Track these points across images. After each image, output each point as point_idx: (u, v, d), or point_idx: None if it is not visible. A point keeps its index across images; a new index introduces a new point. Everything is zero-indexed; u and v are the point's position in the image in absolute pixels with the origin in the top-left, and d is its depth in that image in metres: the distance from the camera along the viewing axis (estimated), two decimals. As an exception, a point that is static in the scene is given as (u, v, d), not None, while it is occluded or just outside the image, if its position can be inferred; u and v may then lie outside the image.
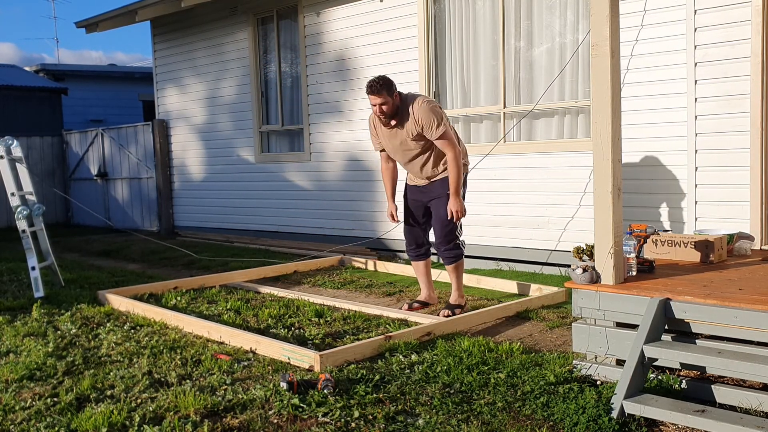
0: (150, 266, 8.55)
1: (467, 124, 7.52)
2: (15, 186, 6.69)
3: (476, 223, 7.35)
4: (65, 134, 14.34)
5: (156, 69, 11.33)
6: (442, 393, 3.60)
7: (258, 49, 9.68)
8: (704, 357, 3.30)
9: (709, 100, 5.64)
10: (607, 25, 3.68)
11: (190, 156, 10.95)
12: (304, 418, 3.36)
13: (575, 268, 3.85)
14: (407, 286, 6.55)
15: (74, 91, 17.40)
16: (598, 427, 3.13)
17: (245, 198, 10.06)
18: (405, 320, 5.17)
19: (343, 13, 8.41)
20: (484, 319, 5.12)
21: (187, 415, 3.42)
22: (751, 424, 2.95)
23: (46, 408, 3.59)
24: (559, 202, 6.68)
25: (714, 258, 4.38)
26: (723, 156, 5.60)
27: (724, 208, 5.61)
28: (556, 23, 6.78)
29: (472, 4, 7.36)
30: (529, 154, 6.91)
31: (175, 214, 11.40)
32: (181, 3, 9.32)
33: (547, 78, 6.82)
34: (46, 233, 6.85)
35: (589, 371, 3.74)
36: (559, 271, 6.70)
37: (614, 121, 3.73)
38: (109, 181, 13.17)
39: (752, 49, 5.37)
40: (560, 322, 5.02)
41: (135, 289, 6.42)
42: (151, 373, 4.10)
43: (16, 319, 5.54)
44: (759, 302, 3.31)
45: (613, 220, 3.75)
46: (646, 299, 3.57)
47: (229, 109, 10.14)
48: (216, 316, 5.50)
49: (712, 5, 5.56)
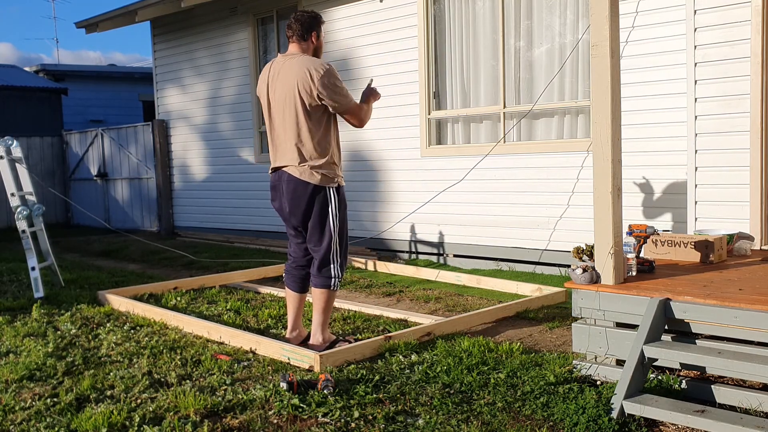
0: (150, 266, 8.54)
1: (467, 124, 7.52)
2: (15, 186, 6.69)
3: (476, 223, 7.36)
4: (65, 134, 14.34)
5: (156, 69, 11.34)
6: (442, 393, 3.60)
7: (258, 49, 9.68)
8: (704, 357, 3.30)
9: (709, 101, 5.63)
10: (607, 25, 3.67)
11: (190, 156, 10.95)
12: (304, 418, 3.36)
13: (575, 268, 3.85)
14: (407, 286, 6.55)
15: (74, 91, 17.41)
16: (598, 427, 3.13)
17: (245, 198, 10.06)
18: (405, 320, 5.18)
19: (343, 13, 8.41)
20: (484, 319, 5.12)
21: (187, 415, 3.42)
22: (751, 424, 2.95)
23: (46, 408, 3.59)
24: (559, 202, 6.68)
25: (714, 258, 4.38)
26: (723, 156, 5.60)
27: (724, 208, 5.60)
28: (556, 23, 6.78)
29: (472, 4, 7.36)
30: (529, 154, 6.91)
31: (175, 215, 11.40)
32: (181, 3, 9.32)
33: (547, 78, 6.82)
34: (46, 233, 6.85)
35: (589, 371, 3.74)
36: (559, 271, 6.70)
37: (614, 121, 3.72)
38: (109, 181, 13.17)
39: (752, 49, 5.37)
40: (560, 322, 5.02)
41: (135, 289, 6.42)
42: (151, 373, 4.10)
43: (16, 320, 5.53)
44: (759, 302, 3.31)
45: (613, 220, 3.74)
46: (646, 299, 3.57)
47: (229, 109, 10.15)
48: (216, 316, 5.50)
49: (712, 5, 5.56)
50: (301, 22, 4.26)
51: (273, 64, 4.32)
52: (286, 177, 4.25)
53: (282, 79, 4.19)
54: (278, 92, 4.21)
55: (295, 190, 4.23)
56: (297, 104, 4.14)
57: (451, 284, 6.59)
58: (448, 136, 7.71)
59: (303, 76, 4.11)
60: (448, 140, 7.70)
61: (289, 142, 4.21)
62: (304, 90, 4.11)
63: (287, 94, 4.16)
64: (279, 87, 4.20)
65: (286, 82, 4.16)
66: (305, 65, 4.13)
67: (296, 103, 4.14)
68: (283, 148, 4.25)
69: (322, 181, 4.24)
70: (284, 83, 4.17)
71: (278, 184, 4.33)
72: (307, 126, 4.17)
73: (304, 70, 4.11)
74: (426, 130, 7.68)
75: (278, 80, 4.21)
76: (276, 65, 4.29)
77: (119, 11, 10.49)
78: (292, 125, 4.18)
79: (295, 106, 4.15)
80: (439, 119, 7.71)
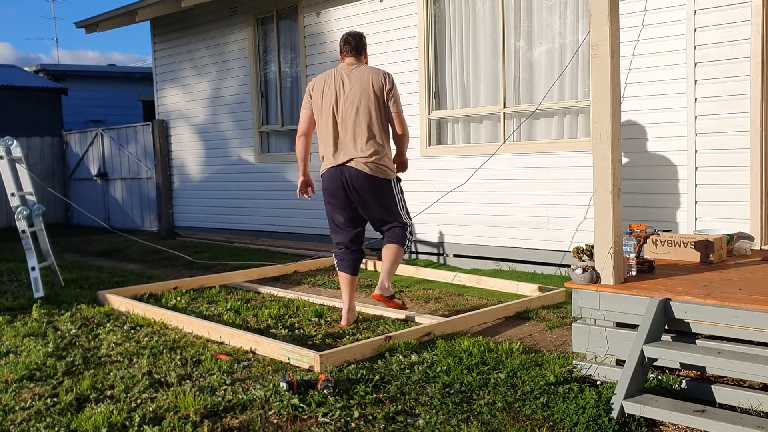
0: (150, 266, 8.55)
1: (467, 124, 7.52)
2: (15, 186, 6.69)
3: (476, 223, 7.36)
4: (65, 134, 14.34)
5: (156, 69, 11.34)
6: (442, 393, 3.60)
7: (258, 49, 9.68)
8: (704, 357, 3.30)
9: (709, 100, 5.64)
10: (607, 26, 3.68)
11: (190, 156, 10.95)
12: (304, 418, 3.36)
13: (575, 268, 3.85)
14: (407, 286, 6.55)
15: (74, 91, 17.41)
16: (598, 427, 3.13)
17: (245, 198, 10.06)
18: (405, 320, 5.18)
19: (343, 13, 8.41)
20: (484, 319, 5.12)
21: (186, 415, 3.42)
22: (751, 424, 2.95)
23: (46, 408, 3.59)
24: (559, 202, 6.68)
25: (714, 258, 4.38)
26: (723, 156, 5.61)
27: (724, 208, 5.61)
28: (556, 23, 6.78)
29: (472, 4, 7.36)
30: (529, 154, 6.91)
31: (174, 215, 11.40)
32: (181, 3, 9.32)
33: (547, 78, 6.82)
34: (46, 233, 6.85)
35: (589, 371, 3.74)
36: (559, 271, 6.70)
37: (614, 122, 3.73)
38: (109, 181, 13.17)
39: (752, 49, 5.37)
40: (560, 322, 5.02)
41: (135, 289, 6.42)
42: (151, 373, 4.10)
43: (16, 320, 5.54)
44: (759, 302, 3.31)
45: (613, 220, 3.74)
46: (646, 299, 3.57)
47: (229, 109, 10.15)
48: (216, 316, 5.50)
49: (712, 5, 5.56)
50: (357, 40, 5.06)
51: (338, 72, 4.98)
52: (354, 172, 4.86)
53: (354, 84, 4.89)
54: (351, 96, 4.87)
55: (363, 181, 4.88)
56: (370, 108, 4.87)
57: (451, 284, 6.59)
58: (448, 136, 7.71)
59: (378, 80, 4.89)
60: (448, 140, 7.70)
61: (360, 140, 4.86)
62: (377, 94, 4.87)
63: (362, 96, 4.85)
64: (351, 91, 4.87)
65: (360, 86, 4.87)
66: (377, 72, 4.95)
67: (370, 107, 4.87)
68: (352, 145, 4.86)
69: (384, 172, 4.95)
70: (357, 86, 4.87)
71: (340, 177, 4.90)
72: (377, 126, 4.89)
73: (380, 75, 4.91)
74: (426, 130, 7.68)
75: (350, 85, 4.89)
76: (342, 73, 4.96)
77: (119, 11, 10.49)
78: (363, 126, 4.86)
79: (370, 108, 4.87)
80: (439, 119, 7.71)
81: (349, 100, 4.85)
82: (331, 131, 4.89)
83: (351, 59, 5.02)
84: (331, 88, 4.92)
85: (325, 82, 4.97)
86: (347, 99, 4.86)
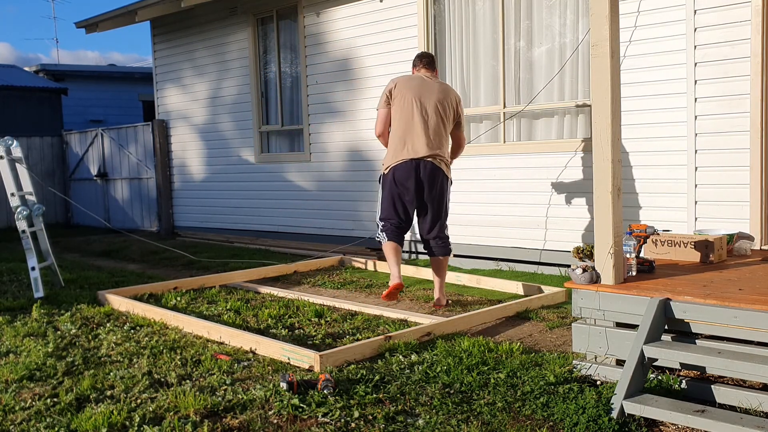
0: (150, 266, 8.55)
1: (467, 124, 7.52)
2: (15, 186, 6.69)
3: (476, 223, 7.36)
4: (65, 134, 14.34)
5: (156, 69, 11.33)
6: (442, 393, 3.60)
7: (258, 49, 9.68)
8: (704, 357, 3.30)
9: (709, 101, 5.64)
10: (606, 25, 3.67)
11: (190, 156, 10.95)
12: (304, 418, 3.36)
13: (575, 268, 3.85)
14: (407, 286, 6.54)
15: (74, 91, 17.40)
16: (598, 427, 3.13)
17: (245, 198, 10.06)
18: (405, 320, 5.18)
19: (343, 13, 8.41)
20: (484, 319, 5.12)
21: (186, 415, 3.42)
22: (751, 424, 2.95)
23: (46, 408, 3.59)
24: (560, 201, 6.68)
25: (714, 258, 4.38)
26: (723, 156, 5.60)
27: (724, 208, 5.61)
28: (556, 23, 6.78)
29: (472, 4, 7.36)
30: (529, 154, 6.91)
31: (175, 215, 11.40)
32: (181, 3, 9.31)
33: (547, 78, 6.82)
34: (46, 233, 6.85)
35: (589, 371, 3.74)
36: (559, 271, 6.70)
37: (614, 122, 3.72)
38: (109, 181, 13.17)
39: (752, 49, 5.37)
40: (560, 322, 5.02)
41: (135, 289, 6.42)
42: (151, 373, 4.10)
43: (16, 320, 5.54)
44: (759, 302, 3.31)
45: (613, 220, 3.74)
46: (646, 299, 3.57)
47: (229, 109, 10.15)
48: (216, 316, 5.50)
49: (712, 5, 5.56)
50: (431, 58, 5.79)
51: (423, 78, 5.61)
52: (429, 165, 5.46)
53: (432, 92, 5.53)
54: (431, 102, 5.49)
55: (434, 174, 5.50)
56: (443, 116, 5.52)
57: (451, 284, 6.58)
58: (448, 136, 7.70)
59: (451, 98, 5.60)
60: (448, 140, 7.70)
61: (435, 140, 5.48)
62: (450, 107, 5.57)
63: (437, 106, 5.50)
64: (431, 97, 5.50)
65: (436, 97, 5.52)
66: (452, 92, 5.67)
67: (443, 115, 5.52)
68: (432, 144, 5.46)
69: (447, 171, 5.61)
70: (434, 97, 5.51)
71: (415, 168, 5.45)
72: (445, 132, 5.58)
73: (453, 95, 5.64)
74: (426, 130, 7.67)
75: (429, 92, 5.52)
76: (423, 78, 5.62)
77: (119, 11, 10.49)
78: (438, 129, 5.50)
79: (442, 116, 5.52)
80: (439, 119, 7.70)
81: (432, 105, 5.49)
82: (419, 127, 5.45)
83: (426, 71, 5.68)
84: (418, 89, 5.51)
85: (412, 83, 5.55)
86: (431, 104, 5.49)
